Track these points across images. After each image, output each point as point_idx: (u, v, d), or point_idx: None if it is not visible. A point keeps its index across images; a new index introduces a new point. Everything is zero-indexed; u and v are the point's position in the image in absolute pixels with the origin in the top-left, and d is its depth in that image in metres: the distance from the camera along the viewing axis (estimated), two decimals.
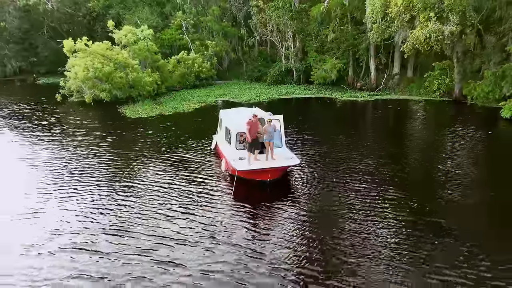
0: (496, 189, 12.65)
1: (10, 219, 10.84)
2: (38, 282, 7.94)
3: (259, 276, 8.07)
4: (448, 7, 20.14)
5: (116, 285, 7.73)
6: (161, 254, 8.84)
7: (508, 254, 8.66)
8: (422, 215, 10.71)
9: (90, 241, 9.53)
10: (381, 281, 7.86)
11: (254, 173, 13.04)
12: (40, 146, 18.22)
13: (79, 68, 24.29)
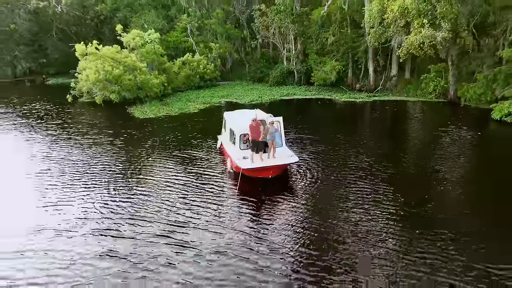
0: (476, 183, 13.86)
1: (43, 209, 12.15)
2: (74, 258, 9.27)
3: (260, 255, 9.36)
4: (441, 14, 21.32)
5: (138, 262, 9.04)
6: (176, 238, 10.15)
7: (487, 240, 9.89)
8: (407, 205, 11.94)
9: (113, 227, 10.87)
10: (367, 259, 9.10)
11: (257, 171, 14.26)
12: (58, 144, 19.56)
13: (91, 71, 25.57)
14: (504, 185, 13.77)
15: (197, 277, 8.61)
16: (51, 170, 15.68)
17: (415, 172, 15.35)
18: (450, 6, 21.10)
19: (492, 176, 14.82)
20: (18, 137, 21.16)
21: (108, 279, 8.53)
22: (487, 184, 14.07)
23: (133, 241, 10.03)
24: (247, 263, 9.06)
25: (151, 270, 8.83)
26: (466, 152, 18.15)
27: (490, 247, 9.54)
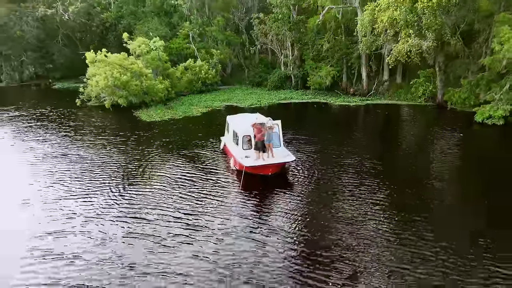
0: (456, 179, 15.63)
1: (73, 200, 13.84)
2: (106, 238, 11.02)
3: (261, 235, 11.18)
4: (426, 25, 23.15)
5: (161, 239, 10.79)
6: (189, 222, 11.95)
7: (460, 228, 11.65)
8: (390, 195, 13.69)
9: (135, 213, 12.60)
10: (355, 241, 10.83)
11: (258, 169, 15.97)
12: (74, 144, 21.25)
13: (100, 77, 27.24)
14: (479, 181, 15.60)
15: (209, 251, 10.40)
16: (74, 167, 17.37)
17: (398, 168, 17.13)
18: (434, 18, 22.94)
19: (471, 172, 16.65)
20: (36, 139, 22.77)
21: (136, 251, 10.33)
22: (466, 179, 15.88)
23: (155, 224, 11.84)
24: (250, 241, 10.83)
25: (172, 246, 10.62)
26: (448, 152, 19.89)
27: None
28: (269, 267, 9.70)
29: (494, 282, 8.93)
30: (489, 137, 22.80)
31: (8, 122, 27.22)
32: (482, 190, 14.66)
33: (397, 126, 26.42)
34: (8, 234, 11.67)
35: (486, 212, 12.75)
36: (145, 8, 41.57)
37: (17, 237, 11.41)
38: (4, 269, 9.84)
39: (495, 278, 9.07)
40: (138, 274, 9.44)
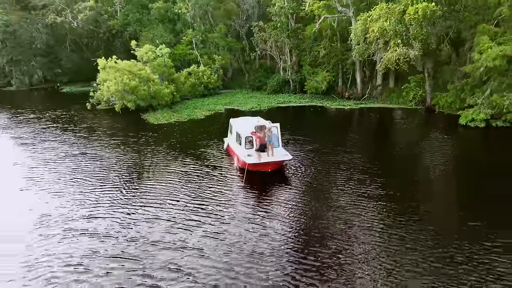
0: (437, 176, 17.61)
1: (98, 192, 15.79)
2: (130, 222, 12.98)
3: (261, 221, 13.12)
4: (413, 35, 25.18)
5: (175, 223, 12.82)
6: (199, 209, 14.00)
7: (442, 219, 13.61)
8: (376, 188, 15.65)
9: (152, 201, 14.67)
10: (343, 225, 12.78)
11: (259, 166, 17.91)
12: (90, 144, 23.18)
13: (111, 82, 29.20)
14: (461, 178, 17.64)
15: (217, 231, 12.45)
16: (94, 164, 19.33)
17: (385, 164, 19.09)
18: (420, 29, 24.97)
19: (452, 169, 18.69)
20: (55, 139, 24.67)
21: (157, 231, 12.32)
22: (447, 176, 17.89)
23: (168, 211, 13.88)
24: (252, 225, 12.81)
25: (188, 230, 12.61)
26: (433, 151, 21.84)
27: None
28: (269, 244, 11.66)
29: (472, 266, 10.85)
30: (471, 138, 24.80)
31: (26, 123, 29.19)
32: (462, 185, 16.67)
33: (388, 128, 28.46)
34: (47, 217, 13.65)
35: (467, 204, 14.76)
36: (150, 16, 43.55)
37: (55, 220, 13.41)
38: (49, 244, 11.81)
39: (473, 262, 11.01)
40: (160, 249, 11.40)
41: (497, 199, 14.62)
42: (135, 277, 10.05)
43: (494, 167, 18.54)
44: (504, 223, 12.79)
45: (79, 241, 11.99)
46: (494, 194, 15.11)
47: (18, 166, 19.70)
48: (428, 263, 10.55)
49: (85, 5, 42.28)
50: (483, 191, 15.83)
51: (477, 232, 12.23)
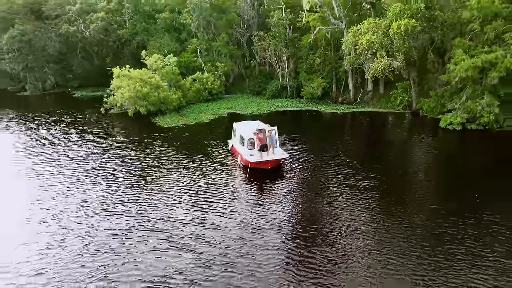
0: (415, 170, 20.67)
1: (122, 186, 18.78)
2: (157, 207, 15.97)
3: (262, 207, 16.09)
4: (396, 48, 28.28)
5: (191, 206, 15.75)
6: (211, 199, 16.93)
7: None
8: (360, 180, 18.67)
9: (167, 194, 17.59)
10: (333, 211, 15.79)
11: (260, 164, 20.88)
12: (110, 144, 26.15)
13: (125, 89, 32.20)
14: (438, 173, 20.67)
15: (228, 212, 15.39)
16: (117, 162, 22.30)
17: (375, 162, 22.10)
18: (402, 42, 28.06)
19: (431, 166, 21.86)
20: (78, 140, 27.63)
21: (179, 213, 15.27)
22: (423, 170, 20.96)
23: (181, 202, 16.87)
24: (254, 213, 15.76)
25: (203, 211, 15.63)
26: (414, 149, 24.99)
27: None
28: (268, 221, 14.72)
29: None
30: (448, 140, 27.85)
31: (49, 126, 32.23)
32: (439, 179, 19.73)
33: (376, 130, 31.56)
34: (87, 203, 16.68)
35: (442, 193, 17.81)
36: (157, 25, 46.57)
37: (94, 205, 16.45)
38: (95, 221, 14.87)
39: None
40: (183, 224, 14.49)
41: (467, 190, 17.79)
42: (165, 243, 13.09)
43: (467, 164, 21.75)
44: (474, 207, 15.87)
45: (117, 219, 15.01)
46: (465, 186, 18.22)
47: (53, 163, 22.73)
48: (409, 239, 13.59)
49: (97, 16, 45.28)
50: (458, 183, 18.97)
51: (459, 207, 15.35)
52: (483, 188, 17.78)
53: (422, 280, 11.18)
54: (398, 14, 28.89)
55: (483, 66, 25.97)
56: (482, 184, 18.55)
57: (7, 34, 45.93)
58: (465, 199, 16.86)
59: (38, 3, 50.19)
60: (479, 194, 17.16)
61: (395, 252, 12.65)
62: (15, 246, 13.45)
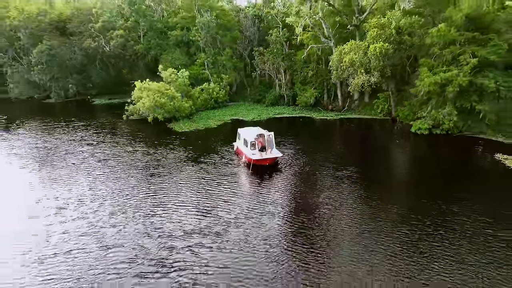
0: (387, 165, 26.55)
1: (146, 183, 24.66)
2: (180, 191, 21.78)
3: (263, 197, 21.92)
4: (373, 66, 34.17)
5: (204, 194, 21.59)
6: (221, 189, 22.72)
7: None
8: (344, 174, 24.51)
9: (191, 180, 23.37)
10: (323, 200, 21.63)
11: (260, 161, 26.70)
12: (135, 146, 31.99)
13: (146, 99, 38.12)
14: (405, 174, 26.54)
15: (235, 200, 21.16)
16: (142, 160, 28.12)
17: (356, 159, 27.91)
18: (378, 61, 33.95)
19: (401, 163, 27.70)
20: (108, 141, 33.45)
21: (195, 200, 21.07)
22: (393, 166, 26.79)
23: (203, 186, 22.66)
24: (255, 201, 21.54)
25: (214, 199, 21.37)
26: (390, 149, 30.77)
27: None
28: (267, 206, 20.46)
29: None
30: (417, 142, 33.60)
31: (81, 130, 38.19)
32: (408, 173, 25.56)
33: (360, 133, 37.43)
34: (101, 198, 22.49)
35: (410, 184, 23.64)
36: (169, 41, 52.51)
37: (112, 199, 22.29)
38: (96, 215, 20.69)
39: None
40: (201, 208, 20.26)
41: (429, 184, 23.63)
42: (194, 209, 18.95)
43: (430, 162, 27.71)
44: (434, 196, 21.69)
45: (145, 201, 20.93)
46: (428, 180, 24.08)
47: (94, 160, 28.60)
48: (381, 220, 19.41)
49: (116, 33, 51.21)
50: (422, 177, 24.84)
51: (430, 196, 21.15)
52: (441, 184, 23.59)
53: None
54: (375, 37, 34.82)
55: (442, 82, 31.79)
56: (441, 181, 24.37)
57: (36, 49, 51.94)
58: (428, 189, 22.71)
59: (63, 21, 56.27)
60: (437, 189, 23.08)
61: (362, 230, 18.50)
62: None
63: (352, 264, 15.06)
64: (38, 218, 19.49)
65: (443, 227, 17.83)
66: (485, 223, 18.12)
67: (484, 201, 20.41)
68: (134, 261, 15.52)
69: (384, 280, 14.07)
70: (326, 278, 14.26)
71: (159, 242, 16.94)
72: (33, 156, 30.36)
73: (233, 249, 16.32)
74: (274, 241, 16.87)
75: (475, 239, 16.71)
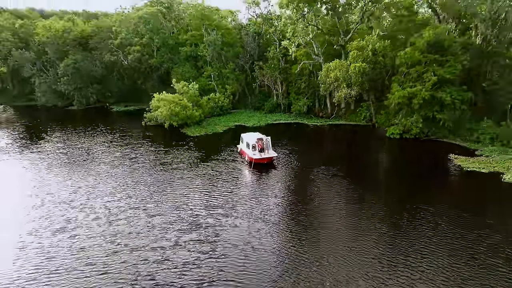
0: (366, 162, 33.66)
1: (164, 179, 31.74)
2: (195, 180, 28.84)
3: (262, 188, 28.99)
4: (353, 82, 41.28)
5: (214, 187, 28.64)
6: (228, 182, 29.75)
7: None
8: (328, 168, 31.55)
9: (204, 175, 30.43)
10: (312, 193, 28.69)
11: (259, 160, 33.72)
12: (160, 146, 39.03)
13: (163, 108, 45.20)
14: (375, 171, 33.64)
15: (239, 190, 28.19)
16: (168, 156, 35.15)
17: (341, 157, 34.92)
18: (357, 78, 41.07)
19: (376, 161, 34.78)
20: (133, 144, 40.46)
21: (207, 191, 28.08)
22: (373, 164, 33.87)
23: (214, 180, 29.67)
24: (255, 189, 28.54)
25: (224, 191, 28.37)
26: (368, 150, 37.81)
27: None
28: (266, 195, 27.45)
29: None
30: (390, 144, 40.69)
31: (107, 134, 45.26)
32: (382, 171, 32.66)
33: (344, 137, 44.55)
34: (144, 184, 29.47)
35: (381, 180, 30.69)
36: (180, 56, 59.64)
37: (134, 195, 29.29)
38: (155, 198, 27.68)
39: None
40: (211, 200, 27.24)
41: (399, 181, 30.67)
42: (205, 197, 25.97)
43: (397, 161, 34.80)
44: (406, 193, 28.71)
45: (172, 186, 27.90)
46: (398, 176, 31.15)
47: (125, 159, 35.62)
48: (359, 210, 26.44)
49: (133, 49, 58.36)
50: (388, 173, 31.85)
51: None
52: (399, 178, 30.66)
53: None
54: (355, 58, 41.96)
55: (409, 95, 38.85)
56: (401, 175, 31.41)
57: (63, 63, 59.11)
58: (398, 186, 29.76)
59: (85, 37, 63.47)
60: (398, 182, 30.09)
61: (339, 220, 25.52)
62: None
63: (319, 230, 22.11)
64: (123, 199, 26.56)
65: (395, 211, 24.90)
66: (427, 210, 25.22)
67: (430, 192, 27.53)
68: (174, 223, 22.66)
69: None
70: (304, 235, 21.31)
71: (189, 212, 24.06)
72: (76, 157, 37.41)
73: (241, 217, 23.34)
74: (269, 213, 23.87)
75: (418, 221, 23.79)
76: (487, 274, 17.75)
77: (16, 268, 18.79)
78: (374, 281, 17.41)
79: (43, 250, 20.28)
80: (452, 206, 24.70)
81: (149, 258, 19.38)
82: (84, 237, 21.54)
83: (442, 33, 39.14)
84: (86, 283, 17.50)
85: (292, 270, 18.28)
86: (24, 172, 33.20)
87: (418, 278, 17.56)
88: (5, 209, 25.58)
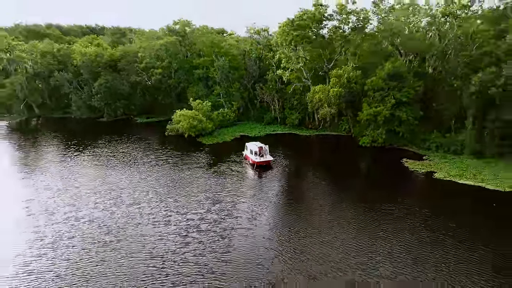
0: (342, 167, 45.56)
1: (185, 181, 43.69)
2: (209, 178, 40.71)
3: (263, 184, 40.88)
4: (332, 103, 53.26)
5: (223, 184, 40.53)
6: (235, 180, 41.62)
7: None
8: (314, 171, 43.39)
9: (215, 175, 42.31)
10: (306, 189, 40.55)
11: (260, 163, 45.53)
12: (183, 151, 50.92)
13: (184, 122, 57.19)
14: (347, 172, 45.59)
15: (244, 187, 40.00)
16: (190, 160, 46.96)
17: (324, 162, 46.71)
18: (336, 100, 53.09)
19: (351, 164, 46.73)
20: (162, 149, 52.28)
21: (217, 189, 39.90)
22: (348, 167, 45.77)
23: (223, 178, 41.52)
24: (257, 185, 40.28)
25: (231, 189, 40.17)
26: (343, 156, 49.73)
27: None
28: (266, 190, 39.23)
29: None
30: (362, 151, 52.49)
31: (136, 142, 57.15)
32: (356, 173, 44.57)
33: (327, 145, 56.44)
34: (171, 180, 41.29)
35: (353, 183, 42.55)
36: (194, 77, 71.80)
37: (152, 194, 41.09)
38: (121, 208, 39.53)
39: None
40: (216, 195, 39.02)
41: (360, 178, 42.64)
42: (214, 191, 37.77)
43: (366, 163, 46.68)
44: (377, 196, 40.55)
45: (191, 182, 39.74)
46: (359, 176, 43.10)
47: (150, 164, 47.42)
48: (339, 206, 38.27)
49: (156, 71, 70.56)
50: (361, 178, 43.75)
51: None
52: (360, 176, 42.50)
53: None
54: (334, 83, 54.03)
55: (375, 113, 50.76)
56: (368, 176, 43.22)
57: (97, 83, 71.35)
58: (372, 187, 41.71)
59: (114, 60, 75.72)
60: (359, 180, 42.00)
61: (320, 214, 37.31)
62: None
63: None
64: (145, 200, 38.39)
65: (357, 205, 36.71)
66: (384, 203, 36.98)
67: (385, 189, 39.37)
68: (191, 211, 34.52)
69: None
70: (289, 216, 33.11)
71: (214, 192, 35.94)
72: (122, 158, 49.22)
73: (246, 208, 35.14)
74: (268, 204, 35.66)
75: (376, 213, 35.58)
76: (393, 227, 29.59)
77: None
78: (344, 242, 29.19)
79: (128, 214, 32.37)
80: (391, 193, 36.45)
81: (193, 218, 31.28)
82: (147, 208, 33.62)
83: (401, 65, 51.27)
84: (144, 231, 29.35)
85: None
86: (88, 170, 45.07)
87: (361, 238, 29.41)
88: (96, 192, 37.43)
